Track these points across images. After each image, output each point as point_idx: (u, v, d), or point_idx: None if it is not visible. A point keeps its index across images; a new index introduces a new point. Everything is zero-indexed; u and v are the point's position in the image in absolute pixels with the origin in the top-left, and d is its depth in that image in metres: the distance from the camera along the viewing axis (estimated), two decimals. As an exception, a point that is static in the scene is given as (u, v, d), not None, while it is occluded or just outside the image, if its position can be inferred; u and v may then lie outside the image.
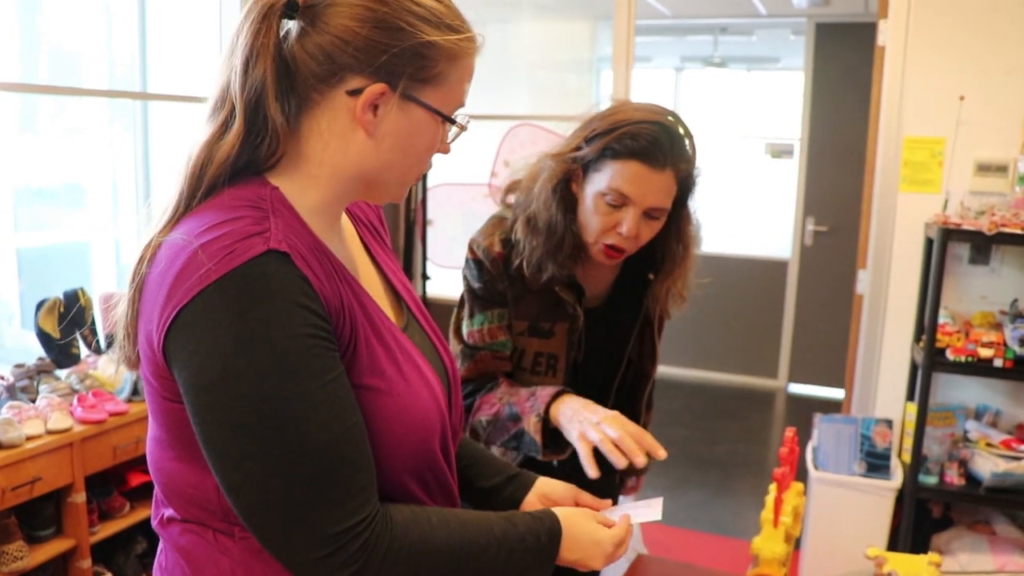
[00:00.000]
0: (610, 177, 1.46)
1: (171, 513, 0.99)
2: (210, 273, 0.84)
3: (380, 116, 0.96)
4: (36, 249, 3.41)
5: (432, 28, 0.95)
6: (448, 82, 0.98)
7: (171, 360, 0.87)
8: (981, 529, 3.03)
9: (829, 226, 5.56)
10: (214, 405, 0.86)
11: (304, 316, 0.87)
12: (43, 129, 3.32)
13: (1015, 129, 2.95)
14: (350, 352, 0.94)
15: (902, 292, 3.17)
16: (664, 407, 1.70)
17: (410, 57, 0.94)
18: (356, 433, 0.91)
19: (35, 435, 2.30)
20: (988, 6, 2.95)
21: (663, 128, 1.45)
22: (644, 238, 1.51)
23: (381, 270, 1.15)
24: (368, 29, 0.92)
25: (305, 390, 0.86)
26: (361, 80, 0.94)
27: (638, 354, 1.73)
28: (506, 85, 4.74)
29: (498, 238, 1.57)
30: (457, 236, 3.94)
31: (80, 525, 2.41)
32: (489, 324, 1.58)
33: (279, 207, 0.93)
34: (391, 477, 0.99)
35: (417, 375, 1.02)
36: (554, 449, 1.50)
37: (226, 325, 0.84)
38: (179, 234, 0.90)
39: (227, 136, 0.94)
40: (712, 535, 3.74)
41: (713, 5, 5.71)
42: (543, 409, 1.46)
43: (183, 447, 0.93)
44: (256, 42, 0.93)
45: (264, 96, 0.93)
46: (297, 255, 0.89)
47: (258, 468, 0.86)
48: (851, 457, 3.01)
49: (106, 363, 2.73)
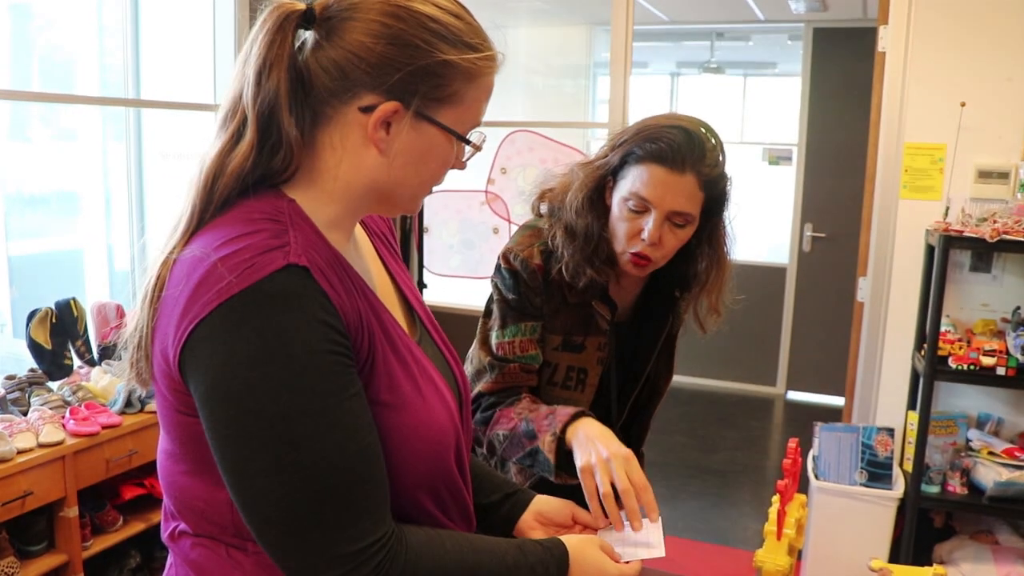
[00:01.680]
0: (631, 182, 1.45)
1: (183, 527, 0.98)
2: (230, 287, 0.83)
3: (393, 134, 0.94)
4: (28, 257, 3.38)
5: (449, 46, 0.93)
6: (464, 101, 0.96)
7: (187, 373, 0.86)
8: (984, 539, 3.01)
9: (827, 232, 5.54)
10: (229, 420, 0.85)
11: (323, 332, 0.86)
12: (35, 136, 3.29)
13: (1016, 135, 2.93)
14: (368, 368, 0.93)
15: (903, 300, 3.15)
16: (662, 415, 1.68)
17: (424, 76, 0.92)
18: (371, 452, 0.90)
19: (26, 449, 2.27)
20: (988, 12, 2.93)
21: (684, 132, 1.43)
22: (668, 246, 1.47)
23: (395, 281, 1.14)
24: (383, 46, 0.91)
25: (322, 407, 0.85)
26: (374, 97, 0.92)
27: (655, 372, 1.71)
28: (503, 91, 4.72)
29: (537, 249, 1.54)
30: (453, 244, 3.91)
31: (72, 540, 2.37)
32: (522, 336, 1.55)
33: (297, 220, 0.92)
34: (406, 493, 0.98)
35: (432, 390, 1.01)
36: (568, 471, 1.45)
37: (244, 340, 0.83)
38: (196, 247, 0.89)
39: (239, 147, 0.92)
40: (711, 544, 3.71)
41: (710, 10, 5.70)
42: (560, 429, 1.42)
43: (197, 461, 0.92)
44: (271, 52, 0.91)
45: (277, 107, 0.91)
46: (316, 269, 0.88)
47: (271, 485, 0.85)
48: (852, 466, 2.99)
49: (99, 374, 2.70)
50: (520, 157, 3.72)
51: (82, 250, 3.55)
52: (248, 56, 0.93)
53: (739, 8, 5.34)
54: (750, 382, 5.97)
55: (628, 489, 1.26)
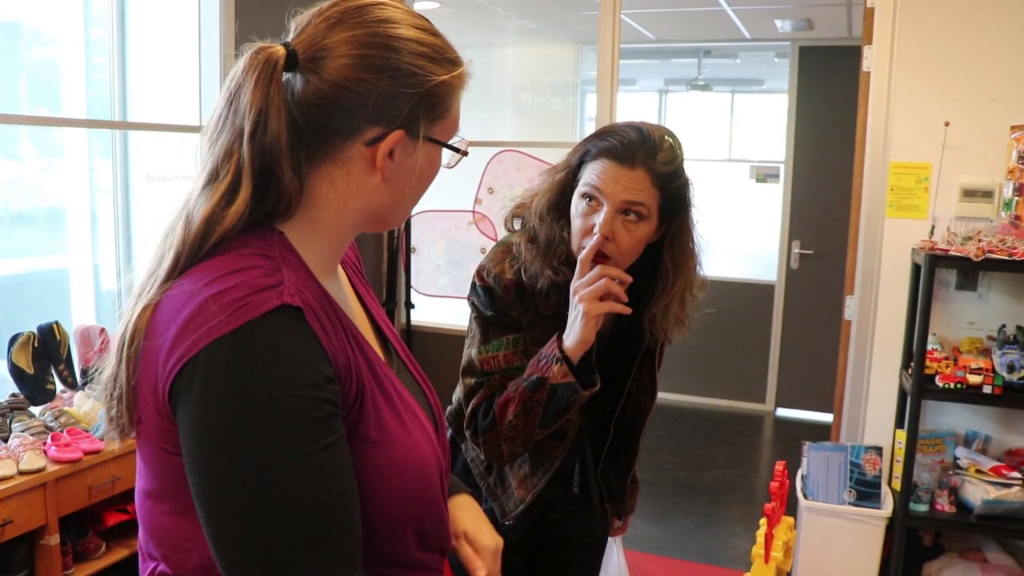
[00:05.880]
0: (585, 176, 1.50)
1: (162, 568, 0.97)
2: (222, 325, 0.82)
3: (397, 160, 0.95)
4: (11, 277, 3.35)
5: (438, 66, 0.95)
6: (451, 112, 1.00)
7: (175, 410, 0.86)
8: (972, 557, 3.00)
9: (815, 249, 5.56)
10: (205, 458, 0.84)
11: (310, 376, 0.85)
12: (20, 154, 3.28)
13: (1000, 154, 2.94)
14: (356, 408, 0.93)
15: (889, 318, 3.16)
16: (651, 433, 1.70)
17: (425, 101, 0.94)
18: (345, 501, 0.89)
19: (7, 476, 2.24)
20: (971, 32, 2.96)
21: (636, 130, 1.48)
22: (623, 242, 1.48)
23: (368, 312, 1.14)
24: (383, 79, 0.91)
25: (299, 452, 0.84)
26: (379, 129, 0.93)
27: (636, 388, 1.71)
28: (490, 111, 4.73)
29: (508, 264, 1.57)
30: (441, 264, 3.91)
31: (54, 568, 2.34)
32: (505, 350, 1.57)
33: (287, 255, 0.91)
34: (389, 526, 0.98)
35: (416, 423, 1.01)
36: (590, 380, 1.51)
37: (232, 380, 0.82)
38: (186, 283, 0.88)
39: (232, 207, 0.90)
40: (701, 564, 3.68)
41: (697, 28, 5.73)
42: (558, 354, 1.47)
43: (182, 500, 0.90)
44: (266, 102, 0.89)
45: (277, 158, 0.90)
46: (309, 311, 0.87)
47: (238, 528, 0.84)
48: (841, 486, 2.98)
49: (82, 399, 2.67)
50: (507, 177, 3.72)
51: (67, 269, 3.52)
52: (237, 106, 0.90)
53: (725, 27, 5.37)
54: (739, 399, 5.96)
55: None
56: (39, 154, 3.40)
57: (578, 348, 1.48)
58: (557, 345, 1.48)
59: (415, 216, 3.91)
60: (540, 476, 1.64)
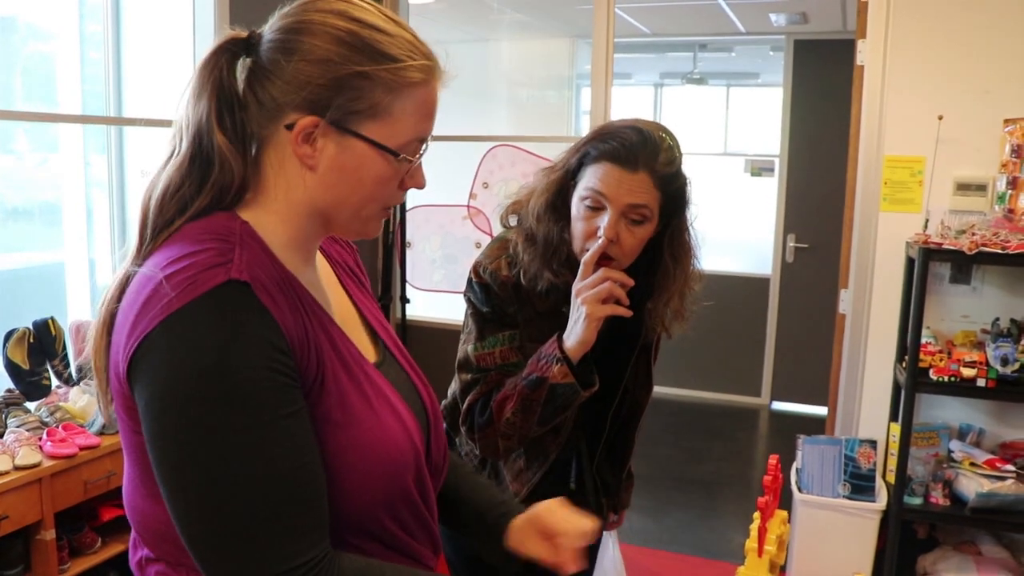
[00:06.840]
0: (587, 180, 1.48)
1: (146, 553, 0.98)
2: (172, 303, 0.85)
3: (319, 149, 0.95)
4: (6, 272, 3.34)
5: (365, 58, 0.93)
6: (392, 113, 0.95)
7: (135, 389, 0.88)
8: (967, 549, 3.02)
9: (810, 243, 5.57)
10: (165, 432, 0.86)
11: (261, 348, 0.86)
12: (15, 149, 3.27)
13: (994, 148, 2.95)
14: (317, 386, 0.94)
15: (884, 312, 3.17)
16: (646, 427, 1.70)
17: (339, 88, 0.93)
18: (307, 472, 0.90)
19: (2, 471, 2.23)
20: (965, 26, 2.96)
21: (638, 131, 1.46)
22: (627, 244, 1.48)
23: (359, 309, 1.14)
24: (296, 63, 0.93)
25: (255, 422, 0.86)
26: (295, 114, 0.94)
27: (633, 382, 1.72)
28: (485, 105, 4.73)
29: (504, 261, 1.57)
30: (436, 259, 3.91)
31: (49, 563, 2.34)
32: (501, 346, 1.57)
33: (247, 240, 0.93)
34: (364, 510, 0.98)
35: (388, 410, 1.02)
36: (589, 380, 1.51)
37: (183, 354, 0.84)
38: (148, 266, 0.91)
39: (173, 160, 0.96)
40: (697, 557, 3.70)
41: (692, 22, 5.73)
42: (559, 354, 1.47)
43: (154, 483, 0.91)
44: (202, 77, 0.96)
45: (208, 125, 0.95)
46: (259, 285, 0.89)
47: (199, 499, 0.86)
48: (835, 479, 2.99)
49: (77, 394, 2.67)
50: (502, 171, 3.72)
51: (63, 264, 3.52)
52: (192, 81, 0.97)
53: (720, 22, 5.37)
54: (735, 393, 5.97)
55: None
56: (34, 148, 3.39)
57: (579, 349, 1.48)
58: (558, 345, 1.48)
59: (410, 211, 3.90)
60: (535, 470, 1.64)
